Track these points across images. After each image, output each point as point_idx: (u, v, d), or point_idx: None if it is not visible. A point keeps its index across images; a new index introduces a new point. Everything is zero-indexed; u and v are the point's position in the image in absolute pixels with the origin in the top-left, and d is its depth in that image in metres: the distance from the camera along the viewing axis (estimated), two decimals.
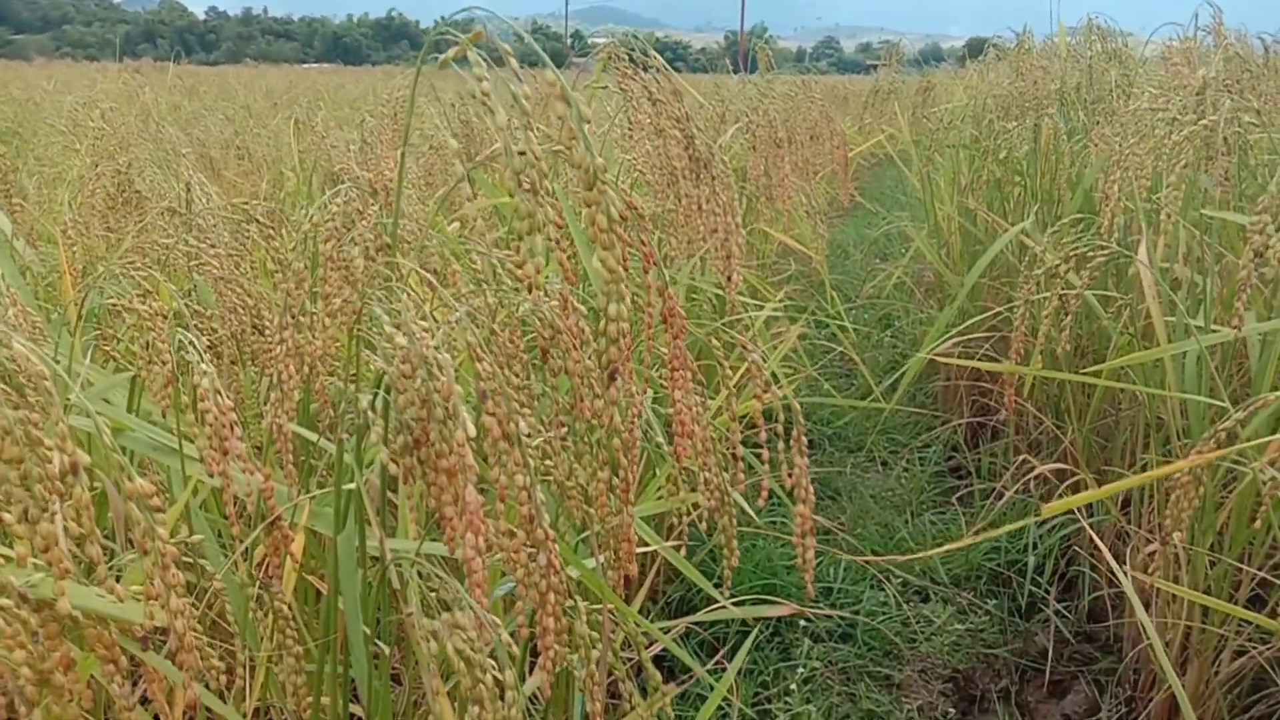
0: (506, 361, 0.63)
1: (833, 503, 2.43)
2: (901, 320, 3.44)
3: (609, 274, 0.50)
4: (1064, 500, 0.72)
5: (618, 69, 1.13)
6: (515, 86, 0.53)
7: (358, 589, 0.57)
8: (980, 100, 2.95)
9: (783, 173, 1.65)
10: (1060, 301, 1.33)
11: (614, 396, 0.53)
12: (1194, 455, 0.87)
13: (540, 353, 0.62)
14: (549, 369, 0.62)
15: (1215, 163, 1.67)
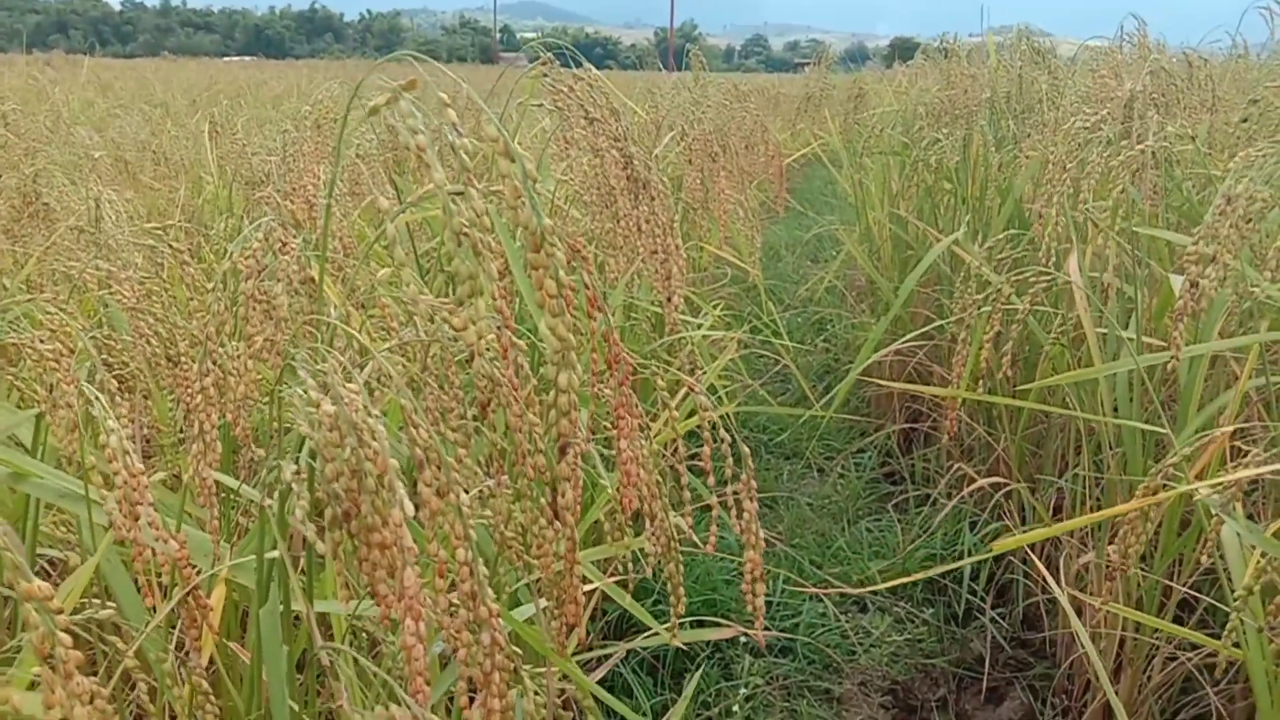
0: (441, 415, 0.59)
1: (770, 512, 2.42)
2: (834, 325, 3.46)
3: (559, 342, 0.47)
4: (1014, 539, 0.71)
5: (553, 86, 1.09)
6: (454, 139, 0.49)
7: (283, 667, 0.53)
8: (911, 107, 2.97)
9: (718, 186, 1.64)
10: (1000, 326, 1.33)
11: (566, 471, 0.50)
12: (1142, 496, 0.86)
13: (479, 407, 0.58)
14: (488, 424, 0.59)
15: (1143, 175, 1.70)
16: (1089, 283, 1.84)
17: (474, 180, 0.47)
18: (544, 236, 0.47)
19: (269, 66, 22.70)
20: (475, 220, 0.47)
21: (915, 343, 2.30)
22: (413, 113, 0.50)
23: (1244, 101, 2.34)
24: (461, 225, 0.46)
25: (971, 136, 2.24)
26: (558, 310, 0.47)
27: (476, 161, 0.48)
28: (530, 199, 0.48)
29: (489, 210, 0.49)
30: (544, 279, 0.47)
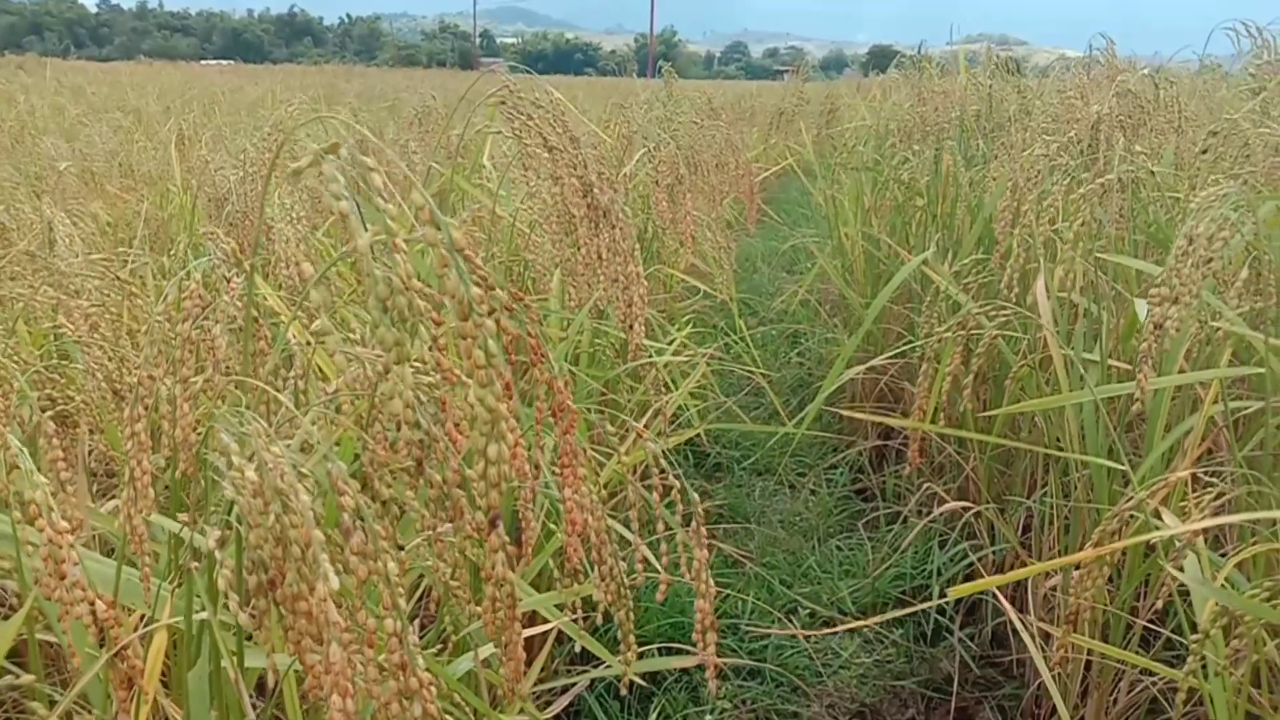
0: (376, 472, 0.58)
1: (742, 530, 2.41)
2: (808, 339, 3.46)
3: (488, 413, 0.46)
4: (973, 584, 0.70)
5: (512, 114, 1.08)
6: (381, 204, 0.48)
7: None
8: (884, 122, 2.98)
9: (685, 208, 1.63)
10: (968, 349, 1.33)
11: (496, 543, 0.48)
12: (1099, 546, 0.86)
13: (415, 463, 0.57)
14: (425, 480, 0.57)
15: (1110, 198, 1.70)
16: (1056, 304, 1.85)
17: (400, 245, 0.46)
18: (472, 306, 0.46)
19: (246, 71, 22.55)
20: (400, 286, 0.45)
21: (887, 359, 2.29)
22: (336, 177, 0.49)
23: (1211, 120, 2.36)
24: (385, 292, 0.44)
25: (942, 154, 2.25)
26: (486, 380, 0.46)
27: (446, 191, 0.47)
28: (457, 267, 0.46)
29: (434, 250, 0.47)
30: (472, 349, 0.46)
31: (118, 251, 2.32)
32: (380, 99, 8.88)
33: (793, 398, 3.28)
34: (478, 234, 1.38)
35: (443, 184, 1.56)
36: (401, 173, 0.49)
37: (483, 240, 1.33)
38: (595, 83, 21.16)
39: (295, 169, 0.50)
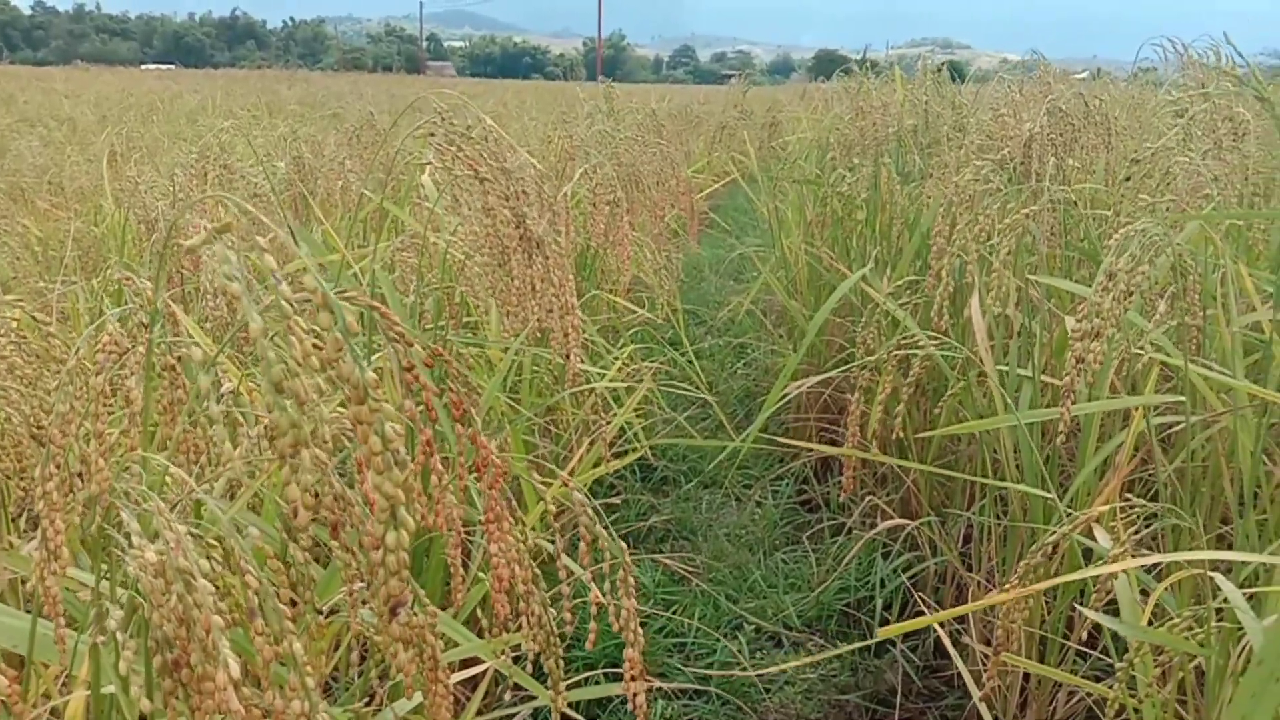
0: (291, 534, 0.57)
1: (689, 544, 2.42)
2: (755, 350, 3.48)
3: (385, 500, 0.45)
4: (899, 625, 0.71)
5: (440, 146, 1.07)
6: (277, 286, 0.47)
7: None
8: (824, 135, 3.00)
9: (622, 230, 1.63)
10: (903, 369, 1.34)
11: (398, 633, 0.48)
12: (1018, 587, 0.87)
13: (330, 528, 0.56)
14: (339, 545, 0.56)
15: (1042, 217, 1.74)
16: (992, 320, 1.88)
17: (296, 326, 0.45)
18: (367, 392, 0.45)
19: (186, 76, 22.14)
20: (297, 369, 0.44)
21: (829, 375, 2.31)
22: (228, 258, 0.48)
23: (1140, 134, 2.41)
24: (280, 375, 0.43)
25: (880, 169, 2.27)
26: (383, 467, 0.45)
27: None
28: (351, 352, 0.45)
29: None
30: (368, 434, 0.45)
31: (46, 275, 2.26)
32: (323, 106, 8.77)
33: (740, 409, 3.29)
34: (413, 261, 1.36)
35: (372, 209, 1.54)
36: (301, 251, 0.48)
37: (418, 268, 1.31)
38: (544, 87, 21.11)
39: (189, 246, 0.49)
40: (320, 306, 0.45)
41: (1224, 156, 1.56)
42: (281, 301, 0.45)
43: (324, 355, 0.45)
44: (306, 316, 0.46)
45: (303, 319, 0.45)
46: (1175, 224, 1.42)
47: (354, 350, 0.46)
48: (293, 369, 0.44)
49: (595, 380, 1.57)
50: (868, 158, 2.46)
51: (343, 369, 0.45)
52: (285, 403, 0.43)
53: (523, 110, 7.75)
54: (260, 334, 0.43)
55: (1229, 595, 0.84)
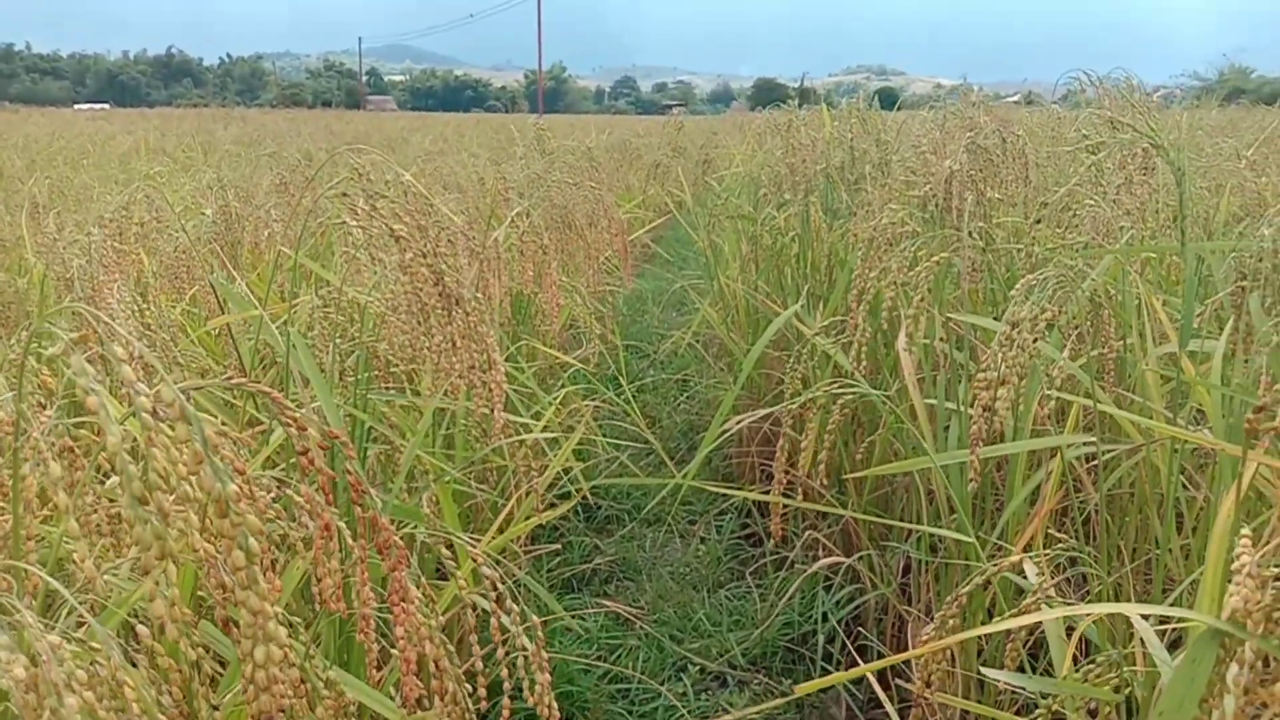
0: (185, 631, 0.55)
1: (633, 584, 2.41)
2: (697, 383, 3.49)
3: (252, 615, 0.44)
4: (814, 682, 0.71)
5: (354, 207, 1.06)
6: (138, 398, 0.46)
7: None
8: (757, 169, 3.04)
9: (550, 278, 1.63)
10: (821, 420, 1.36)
11: None
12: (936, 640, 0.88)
13: (222, 624, 0.55)
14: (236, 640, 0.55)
15: (964, 252, 1.77)
16: (923, 351, 1.91)
17: (158, 438, 0.44)
18: (229, 505, 0.45)
19: (120, 116, 21.76)
20: (159, 481, 0.43)
21: (766, 411, 2.32)
22: (84, 370, 0.47)
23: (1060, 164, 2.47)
24: (142, 489, 0.42)
25: (810, 206, 2.31)
26: (248, 581, 0.44)
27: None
28: (211, 464, 0.45)
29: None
30: (231, 548, 0.44)
31: None
32: (260, 145, 8.67)
33: (683, 443, 3.30)
34: (336, 317, 1.35)
35: (289, 266, 1.53)
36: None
37: (339, 325, 1.30)
38: (485, 120, 21.11)
39: (48, 355, 0.48)
40: (178, 419, 0.44)
41: (1134, 190, 1.60)
42: (142, 414, 0.44)
43: (184, 468, 0.43)
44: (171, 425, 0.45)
45: (169, 428, 0.44)
46: (1091, 258, 1.45)
47: (214, 463, 0.45)
48: (153, 482, 0.43)
49: (528, 429, 1.56)
50: (798, 194, 2.49)
51: (203, 482, 0.44)
52: (149, 515, 0.42)
53: (462, 145, 7.73)
54: (118, 448, 0.42)
55: (1143, 635, 0.85)
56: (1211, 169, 2.34)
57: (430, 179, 3.15)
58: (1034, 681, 0.77)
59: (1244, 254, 1.12)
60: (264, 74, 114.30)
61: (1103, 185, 1.56)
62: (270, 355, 1.61)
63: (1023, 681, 0.77)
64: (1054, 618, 0.85)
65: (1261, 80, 48.37)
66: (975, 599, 1.58)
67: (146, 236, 2.07)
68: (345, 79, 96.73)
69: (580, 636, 2.06)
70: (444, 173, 3.55)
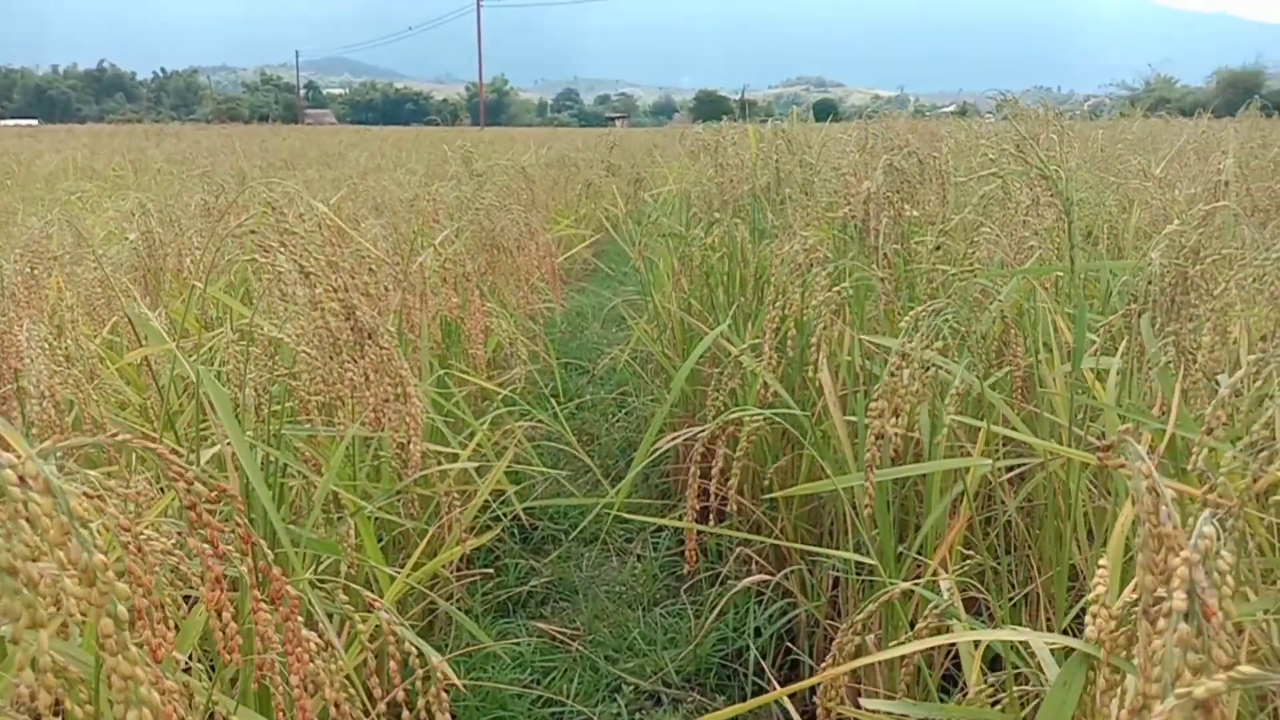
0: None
1: (569, 605, 2.41)
2: (634, 399, 3.51)
3: (122, 680, 0.44)
4: (731, 709, 0.73)
5: (264, 243, 1.06)
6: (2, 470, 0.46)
7: None
8: (687, 188, 3.07)
9: (474, 304, 1.63)
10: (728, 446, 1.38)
11: None
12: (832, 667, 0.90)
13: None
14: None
15: (879, 273, 1.81)
16: (846, 368, 1.94)
17: (23, 510, 0.44)
18: (96, 575, 0.45)
19: (48, 133, 21.24)
20: (28, 552, 0.43)
21: (694, 432, 2.35)
22: None
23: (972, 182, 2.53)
24: (9, 561, 0.42)
25: (737, 225, 2.34)
26: (116, 649, 0.45)
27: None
28: (77, 536, 0.45)
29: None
30: (100, 616, 0.45)
31: None
32: (192, 164, 8.54)
33: (621, 459, 3.31)
34: (253, 350, 1.34)
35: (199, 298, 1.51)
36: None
37: (250, 358, 1.29)
38: (424, 133, 20.98)
39: None
40: (42, 492, 0.45)
41: (1041, 212, 1.66)
42: (8, 487, 0.44)
43: (51, 539, 0.44)
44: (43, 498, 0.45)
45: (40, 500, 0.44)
46: (996, 278, 1.50)
47: (80, 534, 0.45)
48: (22, 553, 0.43)
49: (455, 458, 1.56)
50: (727, 213, 2.53)
51: (70, 553, 0.45)
52: (18, 586, 0.42)
53: (399, 161, 7.69)
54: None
55: (1038, 652, 0.88)
56: (1123, 185, 2.42)
57: (360, 200, 3.14)
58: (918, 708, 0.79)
59: (1136, 276, 1.16)
60: (199, 88, 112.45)
61: (1011, 206, 1.61)
62: (191, 386, 1.59)
63: (905, 709, 0.79)
64: (930, 646, 0.87)
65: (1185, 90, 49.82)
66: (898, 614, 1.61)
67: (67, 264, 2.04)
68: (283, 93, 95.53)
69: (514, 660, 2.05)
70: (376, 193, 3.54)
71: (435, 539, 1.80)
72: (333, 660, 0.71)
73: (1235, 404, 0.93)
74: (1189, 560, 0.45)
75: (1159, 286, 1.10)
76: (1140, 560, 0.51)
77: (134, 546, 0.59)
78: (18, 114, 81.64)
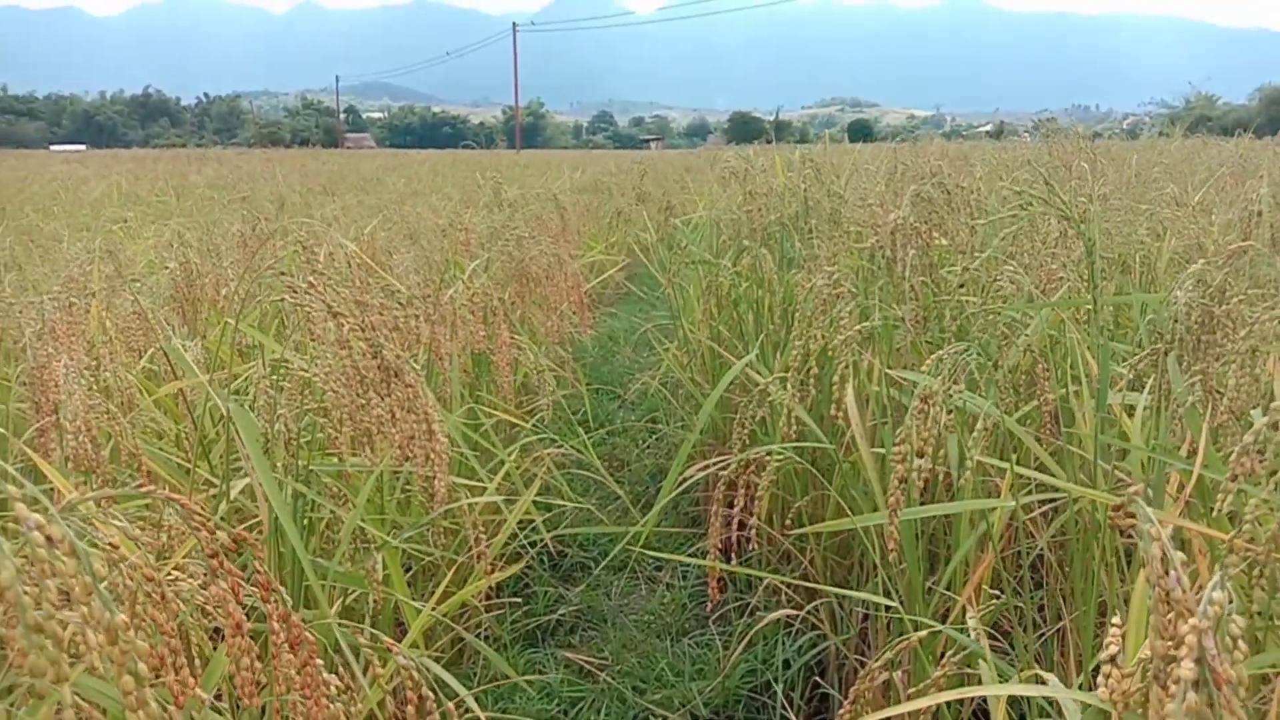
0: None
1: (597, 633, 2.41)
2: (663, 425, 3.51)
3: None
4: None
5: (293, 287, 1.08)
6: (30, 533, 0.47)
7: None
8: (717, 215, 3.08)
9: (501, 337, 1.65)
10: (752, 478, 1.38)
11: None
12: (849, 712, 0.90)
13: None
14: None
15: (905, 305, 1.80)
16: (875, 398, 1.94)
17: (48, 573, 0.46)
18: (118, 633, 0.46)
19: (95, 158, 21.74)
20: (51, 611, 0.45)
21: (722, 460, 2.35)
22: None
23: (1002, 211, 2.52)
24: (35, 620, 0.44)
25: (765, 256, 2.35)
26: (137, 704, 0.46)
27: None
28: (100, 597, 0.46)
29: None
30: (121, 673, 0.46)
31: None
32: (233, 189, 8.69)
33: (651, 485, 3.31)
34: (285, 384, 1.36)
35: (228, 334, 1.54)
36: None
37: (282, 393, 1.31)
38: (461, 157, 21.21)
39: None
40: (67, 554, 0.46)
41: (1070, 244, 1.64)
42: (36, 548, 0.45)
43: (75, 597, 0.45)
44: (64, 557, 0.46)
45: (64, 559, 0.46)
46: (1022, 312, 1.49)
47: (101, 594, 0.46)
48: (49, 612, 0.44)
49: (478, 492, 1.57)
50: (755, 241, 2.53)
51: (93, 611, 0.46)
52: (44, 642, 0.43)
53: (435, 186, 7.78)
54: (12, 581, 0.43)
55: (1061, 705, 0.87)
56: (1157, 214, 2.39)
57: (395, 228, 3.18)
58: None
59: (1162, 313, 1.15)
60: (242, 113, 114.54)
61: (1038, 238, 1.60)
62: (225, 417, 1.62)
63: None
64: (950, 699, 0.87)
65: (1227, 108, 49.13)
66: (926, 647, 1.60)
67: (106, 295, 2.09)
68: (323, 117, 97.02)
69: (541, 691, 2.06)
70: (411, 220, 3.59)
71: (464, 567, 1.82)
72: (352, 703, 0.72)
73: (1265, 441, 0.91)
74: (1198, 629, 0.45)
75: (1184, 325, 1.09)
76: (1151, 623, 0.51)
77: (159, 595, 0.60)
78: (66, 139, 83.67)
